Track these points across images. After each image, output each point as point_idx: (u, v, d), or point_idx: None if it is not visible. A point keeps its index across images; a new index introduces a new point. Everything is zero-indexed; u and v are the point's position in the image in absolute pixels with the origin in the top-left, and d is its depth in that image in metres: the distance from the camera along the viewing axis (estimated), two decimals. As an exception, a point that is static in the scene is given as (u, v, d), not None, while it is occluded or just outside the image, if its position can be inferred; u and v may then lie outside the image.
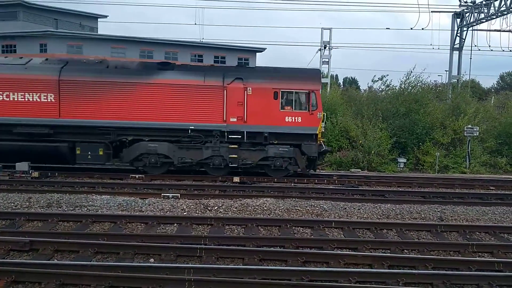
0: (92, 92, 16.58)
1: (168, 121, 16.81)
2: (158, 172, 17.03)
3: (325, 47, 28.33)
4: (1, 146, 16.63)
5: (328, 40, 28.49)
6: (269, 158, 17.23)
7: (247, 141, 17.16)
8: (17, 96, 16.55)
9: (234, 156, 17.09)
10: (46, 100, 16.53)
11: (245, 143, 17.18)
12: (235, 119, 16.95)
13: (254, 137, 17.20)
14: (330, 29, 28.82)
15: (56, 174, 16.49)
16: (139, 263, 7.88)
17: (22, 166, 16.14)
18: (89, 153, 16.81)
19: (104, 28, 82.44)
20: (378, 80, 28.11)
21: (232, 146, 17.10)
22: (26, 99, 16.53)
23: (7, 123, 16.59)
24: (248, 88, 16.93)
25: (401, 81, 27.31)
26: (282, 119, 17.04)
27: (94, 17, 66.54)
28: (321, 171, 20.49)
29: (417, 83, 27.21)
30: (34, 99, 16.54)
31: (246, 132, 17.06)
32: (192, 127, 16.89)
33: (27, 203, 11.71)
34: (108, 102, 16.61)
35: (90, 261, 7.85)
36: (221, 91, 16.88)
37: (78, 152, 16.81)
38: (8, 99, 16.54)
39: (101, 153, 16.85)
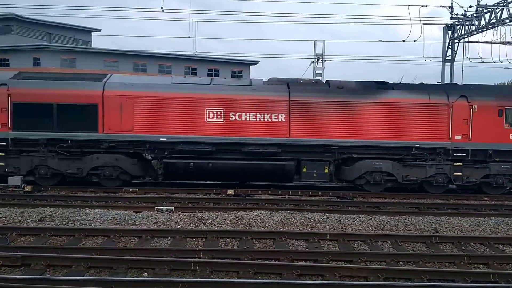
0: (317, 111, 16.81)
1: (392, 139, 16.90)
2: (378, 190, 17.06)
3: (318, 60, 28.43)
4: (230, 165, 16.80)
5: (321, 52, 28.61)
6: (490, 175, 17.22)
7: (470, 159, 17.18)
8: (249, 116, 16.75)
9: (458, 174, 17.08)
10: (276, 120, 16.79)
11: (468, 161, 17.18)
12: (459, 137, 17.01)
13: (475, 155, 17.21)
14: (323, 41, 28.97)
15: (49, 188, 16.35)
16: (133, 277, 7.81)
17: (14, 180, 16.00)
18: (315, 171, 16.95)
19: (97, 42, 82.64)
20: None
21: (457, 164, 17.10)
22: (258, 119, 16.74)
23: (238, 142, 16.77)
24: (473, 106, 17.02)
25: None
26: (506, 136, 17.10)
27: (88, 31, 66.68)
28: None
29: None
30: (265, 119, 16.76)
31: (471, 149, 17.08)
32: (417, 145, 16.97)
33: (19, 218, 11.60)
34: (333, 120, 16.81)
35: (83, 276, 7.76)
36: (446, 109, 16.97)
37: (304, 170, 16.96)
38: (240, 119, 16.73)
39: (326, 171, 17.01)
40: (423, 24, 26.37)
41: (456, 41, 28.32)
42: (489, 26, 25.49)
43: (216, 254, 8.95)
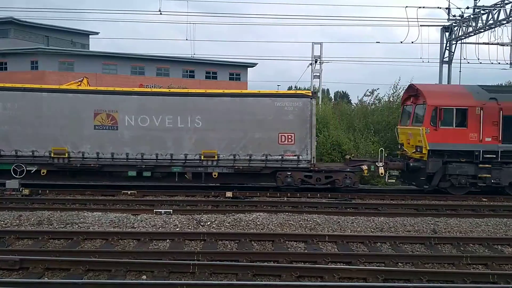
0: None
1: None
2: None
3: (316, 62, 28.41)
4: None
5: (319, 54, 28.58)
6: None
7: None
8: None
9: None
10: None
11: None
12: None
13: None
14: (321, 43, 28.95)
15: (47, 191, 16.31)
16: (131, 280, 7.79)
17: (12, 183, 15.98)
18: None
19: (95, 45, 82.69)
20: (370, 95, 28.15)
21: None
22: None
23: None
24: None
25: (388, 94, 27.38)
26: None
27: (86, 34, 66.66)
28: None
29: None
30: None
31: None
32: None
33: (17, 221, 11.57)
34: None
35: (82, 279, 7.74)
36: None
37: None
38: None
39: None
40: (421, 25, 26.35)
41: (454, 42, 28.33)
42: (486, 27, 25.50)
43: (215, 256, 8.93)
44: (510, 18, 23.75)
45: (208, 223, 11.69)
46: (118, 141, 16.59)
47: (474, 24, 26.20)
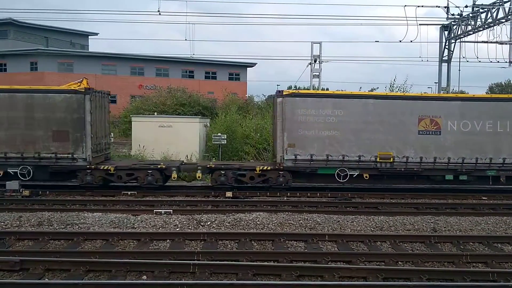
0: None
1: None
2: None
3: (315, 61, 28.40)
4: None
5: (318, 54, 28.58)
6: None
7: None
8: None
9: None
10: None
11: None
12: None
13: None
14: (320, 43, 28.95)
15: (47, 192, 16.32)
16: (132, 280, 7.80)
17: (12, 184, 15.98)
18: None
19: (94, 46, 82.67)
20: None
21: None
22: None
23: None
24: None
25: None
26: None
27: (85, 35, 66.72)
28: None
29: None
30: None
31: None
32: None
33: (18, 222, 11.58)
34: None
35: (82, 280, 7.75)
36: None
37: None
38: None
39: None
40: (420, 24, 26.42)
41: (453, 41, 28.39)
42: (485, 26, 25.55)
43: (215, 256, 8.95)
44: (509, 17, 23.78)
45: (208, 223, 11.71)
46: (441, 145, 16.78)
47: (473, 22, 26.25)
